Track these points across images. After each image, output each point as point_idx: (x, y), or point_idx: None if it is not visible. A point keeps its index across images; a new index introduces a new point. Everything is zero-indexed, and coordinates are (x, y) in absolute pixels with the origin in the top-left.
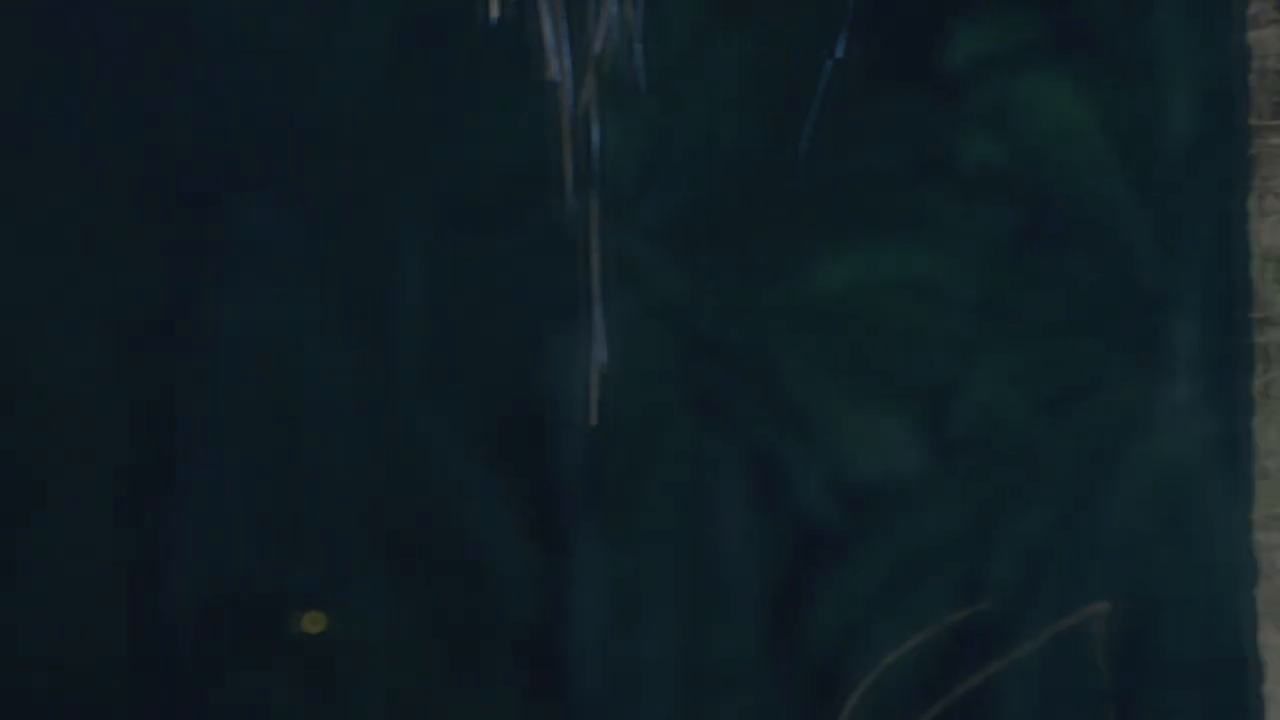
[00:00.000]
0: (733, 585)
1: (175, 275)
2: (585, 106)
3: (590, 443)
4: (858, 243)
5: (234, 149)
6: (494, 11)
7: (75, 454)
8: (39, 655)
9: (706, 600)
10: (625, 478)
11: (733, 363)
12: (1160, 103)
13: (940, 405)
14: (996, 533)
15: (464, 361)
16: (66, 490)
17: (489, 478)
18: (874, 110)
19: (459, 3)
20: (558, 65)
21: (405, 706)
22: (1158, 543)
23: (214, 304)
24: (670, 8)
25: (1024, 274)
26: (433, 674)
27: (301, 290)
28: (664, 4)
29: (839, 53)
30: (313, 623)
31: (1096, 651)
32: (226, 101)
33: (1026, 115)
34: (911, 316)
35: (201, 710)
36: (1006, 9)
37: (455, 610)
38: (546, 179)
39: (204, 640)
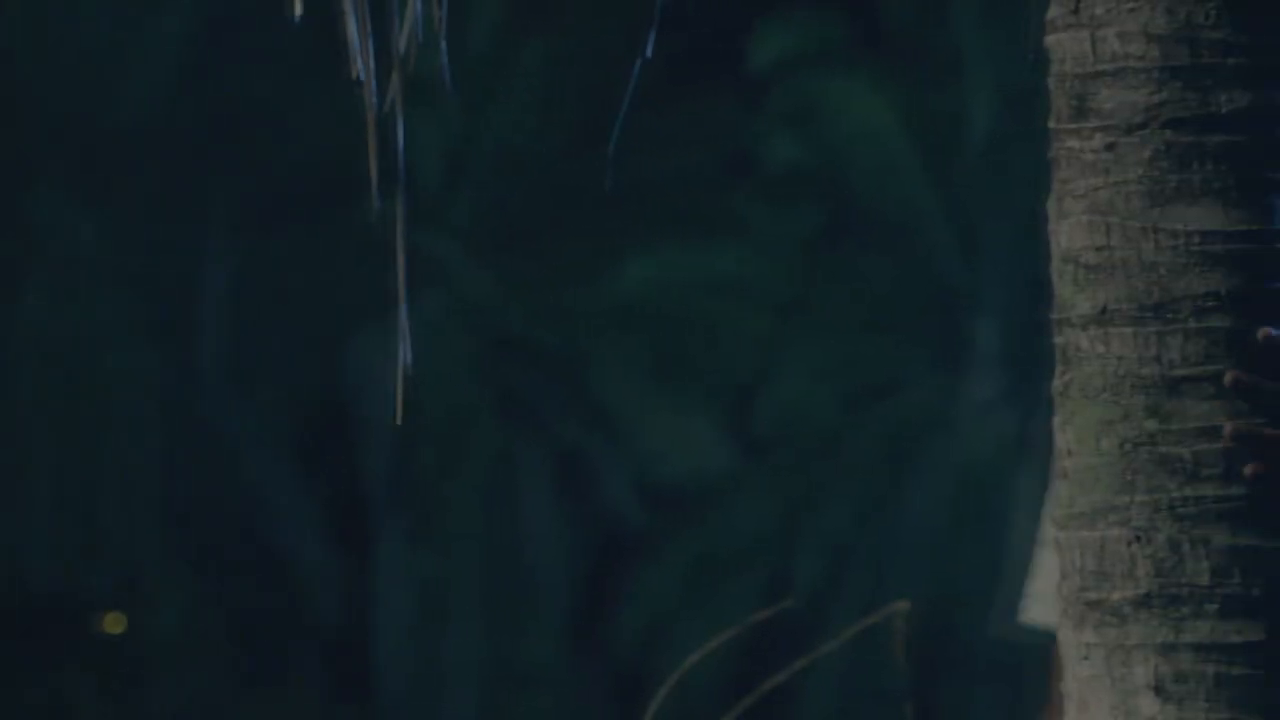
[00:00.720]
0: (539, 585)
1: None
2: (390, 106)
3: (396, 443)
4: (664, 242)
5: (33, 148)
6: (297, 9)
7: None
8: None
9: (512, 600)
10: (431, 478)
11: (540, 362)
12: (961, 105)
13: (746, 404)
14: (801, 530)
15: (268, 361)
16: None
17: (293, 478)
18: (680, 110)
19: (263, 1)
20: (361, 64)
21: (208, 707)
22: (959, 541)
23: (12, 302)
24: (476, 6)
25: (828, 273)
26: (236, 675)
27: (101, 289)
28: (470, 2)
29: (647, 53)
30: (113, 623)
31: (897, 649)
32: (24, 99)
33: (830, 116)
34: (718, 316)
35: (0, 712)
36: (810, 10)
37: (259, 611)
38: (351, 179)
39: (2, 642)
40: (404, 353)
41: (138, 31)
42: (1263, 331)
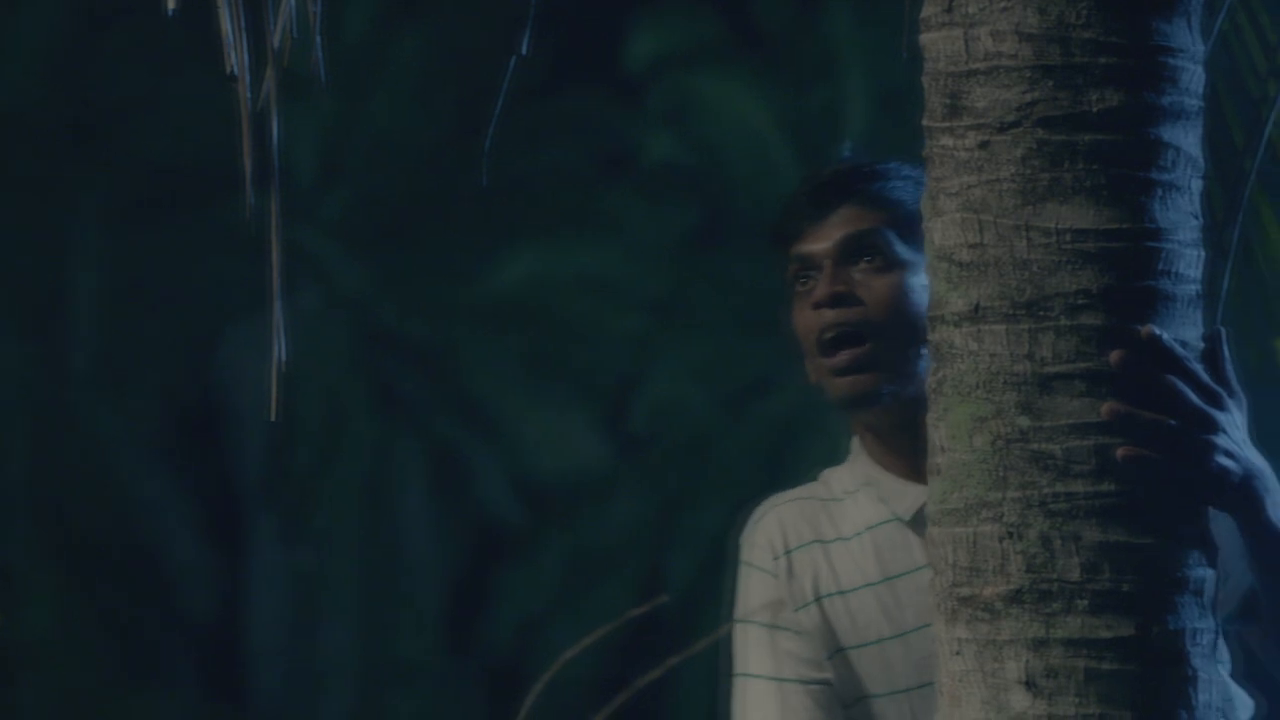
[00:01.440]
0: (414, 582)
1: None
2: (264, 101)
3: (270, 439)
4: (540, 240)
5: None
6: (171, 3)
7: None
8: None
9: (387, 597)
10: (305, 474)
11: (416, 359)
12: (835, 103)
13: (622, 402)
14: (676, 529)
15: (141, 358)
16: None
17: (166, 475)
18: (557, 108)
19: None
20: (236, 59)
21: (80, 706)
22: None
23: None
24: (351, 1)
25: (704, 271)
26: (108, 673)
27: None
28: None
29: (523, 50)
30: None
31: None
32: None
33: (706, 114)
34: (593, 313)
35: None
36: (686, 9)
37: (131, 609)
38: (226, 174)
39: None
40: (279, 348)
41: (7, 22)
42: (1145, 330)
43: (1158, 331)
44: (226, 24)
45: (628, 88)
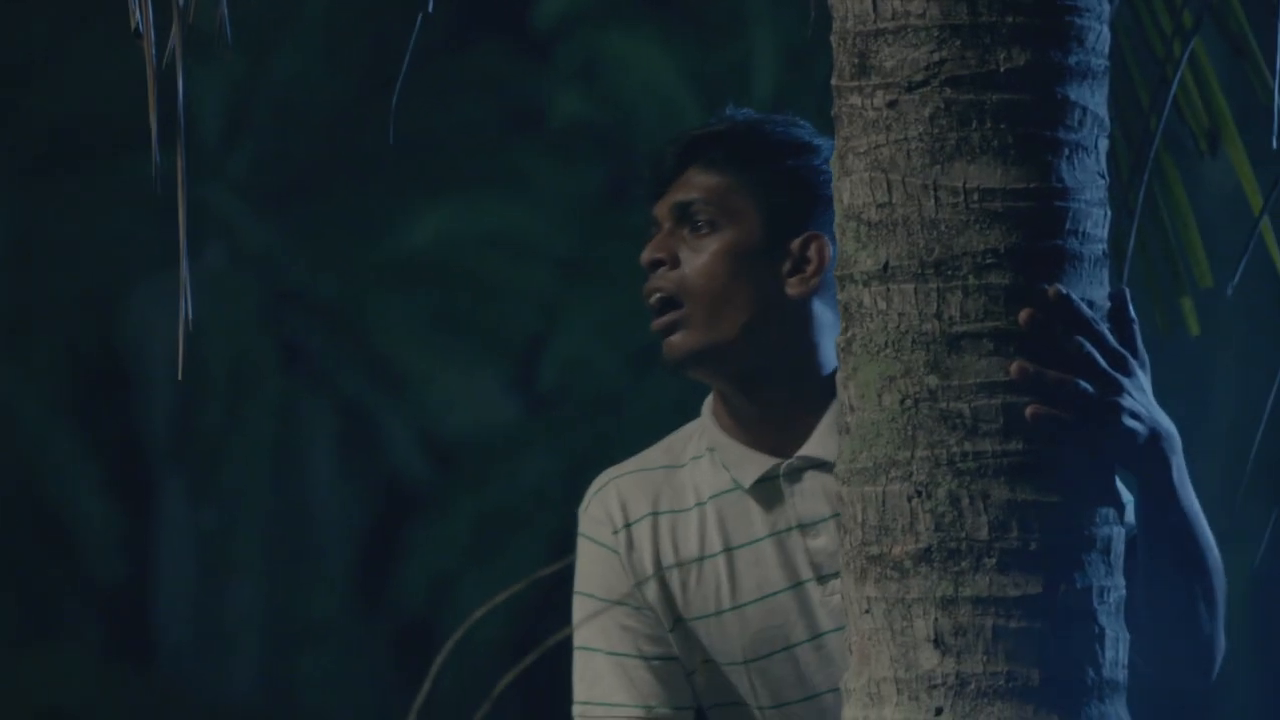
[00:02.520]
0: (322, 540)
1: None
2: (170, 58)
3: (177, 398)
4: (449, 198)
5: None
6: None
7: None
8: None
9: (296, 555)
10: (213, 433)
11: (323, 317)
12: (744, 61)
13: (531, 359)
14: (585, 486)
15: (46, 317)
16: None
17: (72, 434)
18: (466, 64)
19: None
20: (140, 16)
21: None
22: None
23: None
24: None
25: (612, 229)
26: (11, 633)
27: None
28: None
29: (429, 7)
30: None
31: None
32: None
33: (615, 72)
34: (502, 271)
35: None
36: None
37: (36, 569)
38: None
39: None
40: (186, 307)
41: None
42: (1052, 290)
43: (1065, 291)
44: None
45: (536, 45)
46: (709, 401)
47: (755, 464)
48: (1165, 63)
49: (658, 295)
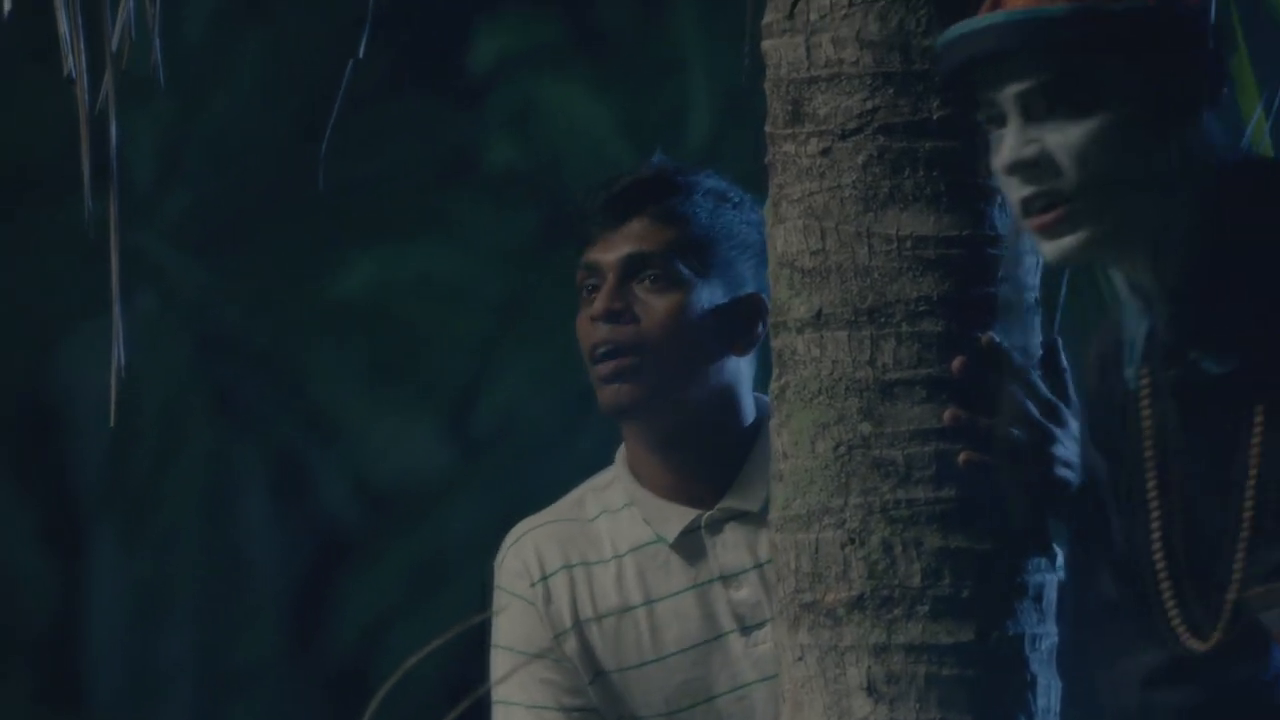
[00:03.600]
0: (256, 587)
1: None
2: (103, 103)
3: (109, 444)
4: (382, 243)
5: None
6: (6, 5)
7: None
8: None
9: (228, 603)
10: (145, 479)
11: (256, 363)
12: (678, 108)
13: (465, 406)
14: None
15: None
16: None
17: (3, 480)
18: (399, 111)
19: None
20: (74, 60)
21: None
22: None
23: None
24: (191, 3)
25: (545, 275)
26: None
27: None
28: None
29: (359, 52)
30: None
31: None
32: None
33: (548, 118)
34: (435, 317)
35: None
36: (529, 12)
37: None
38: (64, 176)
39: None
40: (118, 353)
41: None
42: (985, 337)
43: (998, 339)
44: (64, 24)
45: (470, 91)
46: (622, 454)
47: (677, 517)
48: None
49: (609, 346)
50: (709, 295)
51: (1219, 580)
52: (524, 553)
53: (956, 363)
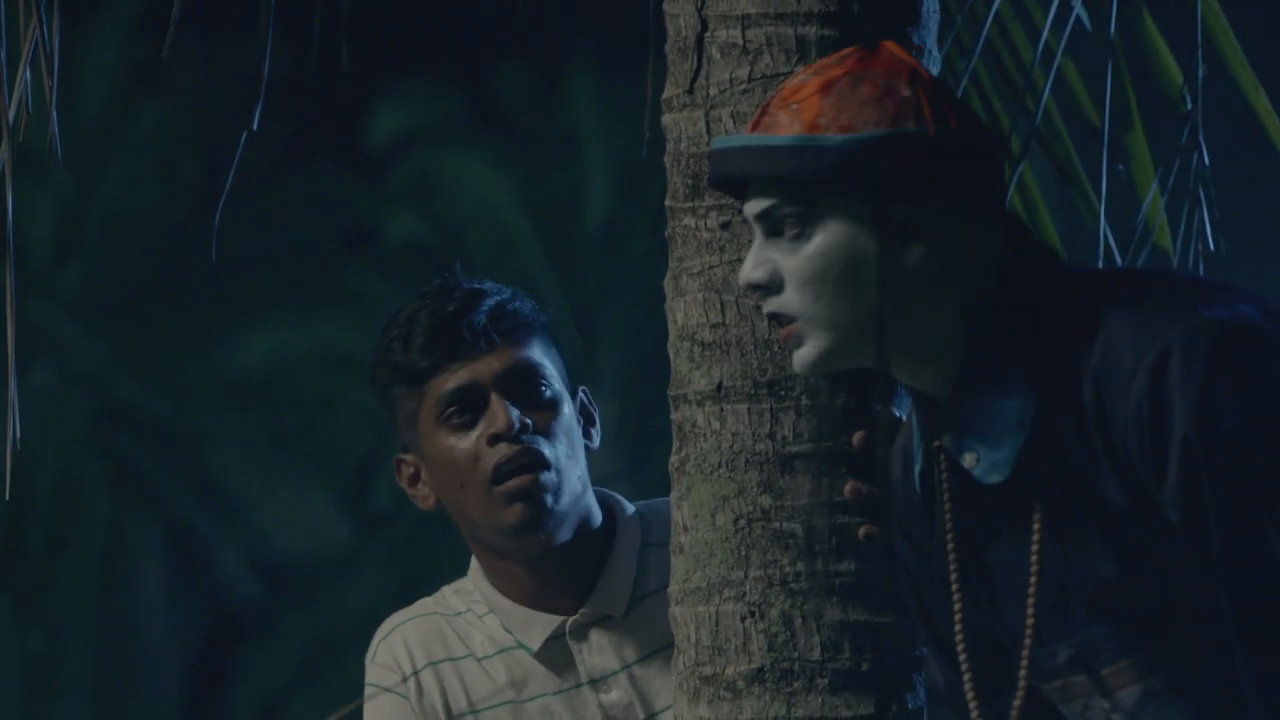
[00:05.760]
0: (151, 661)
1: None
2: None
3: (3, 517)
4: (280, 316)
5: None
6: None
7: None
8: None
9: (124, 676)
10: (39, 553)
11: (153, 437)
12: (578, 182)
13: (363, 480)
14: None
15: None
16: None
17: None
18: (298, 184)
19: None
20: None
21: None
22: None
23: None
24: (89, 75)
25: None
26: None
27: None
28: (82, 71)
29: (254, 126)
30: None
31: None
32: None
33: (448, 192)
34: (333, 390)
35: None
36: (426, 86)
37: None
38: None
39: None
40: (14, 426)
41: None
42: (884, 411)
43: (897, 412)
44: None
45: (370, 164)
46: (476, 565)
47: (540, 626)
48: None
49: (522, 462)
50: (568, 399)
51: (1014, 675)
52: (394, 647)
53: (856, 437)
